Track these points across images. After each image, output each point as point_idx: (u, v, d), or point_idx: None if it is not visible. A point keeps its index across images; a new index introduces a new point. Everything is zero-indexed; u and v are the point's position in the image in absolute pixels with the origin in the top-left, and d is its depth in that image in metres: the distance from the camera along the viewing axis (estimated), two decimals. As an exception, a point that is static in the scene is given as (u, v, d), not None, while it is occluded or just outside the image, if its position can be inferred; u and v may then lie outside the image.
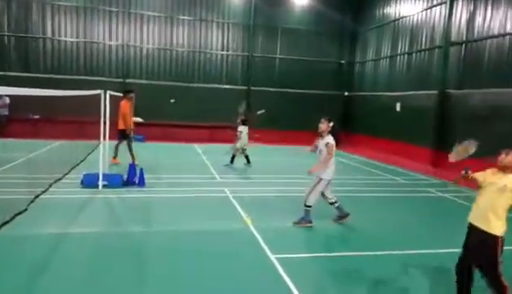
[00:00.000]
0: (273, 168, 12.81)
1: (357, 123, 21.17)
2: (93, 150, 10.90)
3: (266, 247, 5.71)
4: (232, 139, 13.42)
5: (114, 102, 10.08)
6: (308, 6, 21.38)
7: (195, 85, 20.45)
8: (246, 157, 12.86)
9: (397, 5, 18.17)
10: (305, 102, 21.34)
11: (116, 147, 11.64)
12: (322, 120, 6.90)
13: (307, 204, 6.82)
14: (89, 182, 8.81)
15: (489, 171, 4.21)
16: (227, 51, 20.90)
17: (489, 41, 12.84)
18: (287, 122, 20.80)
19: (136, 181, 9.24)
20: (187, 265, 5.04)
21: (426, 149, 14.96)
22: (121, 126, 11.49)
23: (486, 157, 5.30)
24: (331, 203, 7.07)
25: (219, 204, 8.14)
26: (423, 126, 15.32)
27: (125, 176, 9.29)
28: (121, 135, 11.55)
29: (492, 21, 12.76)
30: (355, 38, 21.99)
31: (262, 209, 7.89)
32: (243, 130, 12.61)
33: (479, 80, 13.14)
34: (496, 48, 12.61)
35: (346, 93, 22.41)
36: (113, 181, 8.99)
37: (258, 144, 18.82)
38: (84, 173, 9.00)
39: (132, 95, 11.84)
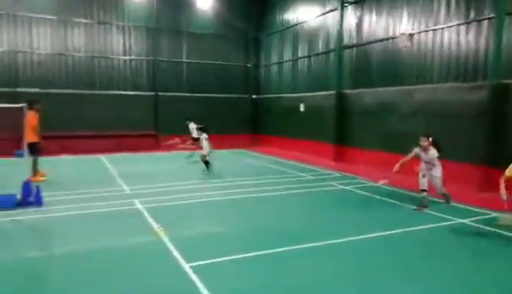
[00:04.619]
0: (187, 174, 12.62)
1: (266, 124, 21.92)
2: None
3: (180, 257, 5.60)
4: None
5: (8, 115, 9.15)
6: (212, 11, 21.54)
7: (97, 92, 19.27)
8: (207, 163, 12.86)
9: (296, 11, 19.19)
10: (215, 106, 21.53)
11: (34, 162, 11.17)
12: (422, 138, 8.39)
13: (444, 193, 8.76)
14: (-26, 207, 7.79)
15: None
16: (130, 55, 20.07)
17: (375, 44, 14.23)
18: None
19: (32, 200, 8.41)
20: (92, 289, 4.71)
21: (329, 145, 16.07)
22: (31, 139, 11.08)
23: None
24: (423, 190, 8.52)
25: (129, 218, 7.77)
26: (325, 124, 16.42)
27: (19, 196, 8.40)
28: (32, 148, 11.14)
29: (377, 26, 14.16)
30: (259, 42, 22.71)
31: (175, 217, 7.74)
32: (202, 137, 12.96)
33: (369, 80, 14.51)
34: (381, 51, 14.02)
35: (254, 96, 23.04)
36: (4, 203, 8.07)
37: (174, 151, 18.45)
38: (-33, 197, 7.94)
39: (38, 106, 11.52)
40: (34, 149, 11.24)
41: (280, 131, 20.29)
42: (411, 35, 12.60)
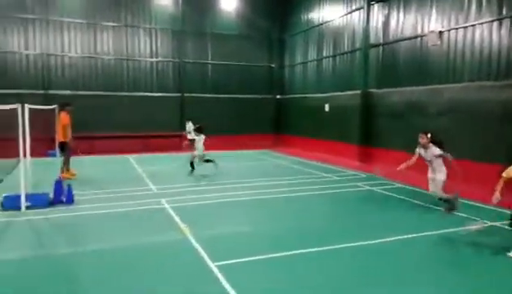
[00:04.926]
0: (212, 174, 12.73)
1: (290, 125, 21.84)
2: (13, 169, 10.07)
3: (206, 256, 5.65)
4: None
5: (40, 115, 9.55)
6: (236, 13, 21.66)
7: (125, 94, 19.73)
8: (208, 161, 12.84)
9: (320, 10, 19.03)
10: (240, 106, 21.64)
11: (64, 160, 11.89)
12: (421, 135, 8.13)
13: (444, 198, 8.05)
14: (10, 204, 8.13)
15: None
16: (157, 57, 20.45)
17: (403, 42, 13.94)
18: (223, 127, 20.85)
19: (64, 199, 8.69)
20: (121, 285, 4.83)
21: (354, 146, 15.85)
22: (61, 138, 11.80)
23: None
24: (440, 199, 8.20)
25: (155, 216, 7.92)
26: (350, 125, 16.22)
27: (51, 195, 8.70)
28: (62, 147, 11.89)
29: (405, 24, 13.87)
30: (283, 43, 22.65)
31: (201, 217, 7.82)
32: (200, 138, 12.84)
33: (396, 79, 14.22)
34: (409, 49, 13.72)
35: (278, 96, 23.00)
36: (37, 201, 8.38)
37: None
38: (4, 195, 8.29)
39: (70, 107, 12.17)
40: (64, 148, 11.83)
41: (304, 131, 20.18)
42: (441, 33, 12.27)
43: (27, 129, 8.32)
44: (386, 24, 14.75)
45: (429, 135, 8.14)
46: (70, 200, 8.71)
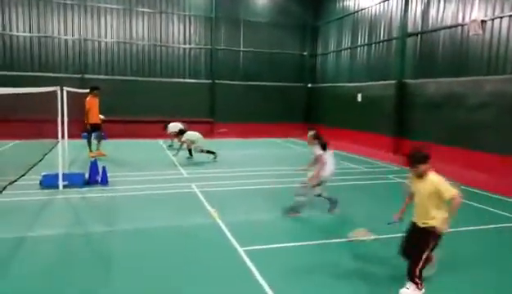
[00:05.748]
0: (240, 161, 12.82)
1: (321, 114, 21.56)
2: (51, 149, 10.49)
3: (234, 241, 5.72)
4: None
5: (76, 99, 9.90)
6: (269, 0, 21.44)
7: (158, 79, 20.08)
8: (209, 152, 12.65)
9: (356, -3, 18.57)
10: (270, 94, 21.56)
11: (97, 141, 12.75)
12: (308, 132, 7.47)
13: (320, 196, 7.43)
14: (49, 183, 8.50)
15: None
16: (190, 44, 20.62)
17: (442, 32, 13.40)
18: (252, 114, 20.89)
19: (99, 180, 8.99)
20: (153, 265, 4.96)
21: (387, 137, 15.49)
22: (86, 121, 12.60)
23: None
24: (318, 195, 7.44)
25: (186, 200, 8.07)
26: (383, 115, 15.83)
27: (87, 175, 9.02)
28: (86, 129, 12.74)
29: (445, 12, 13.31)
30: (316, 30, 22.28)
31: (229, 203, 7.90)
32: (189, 136, 12.41)
33: (434, 69, 13.72)
34: (448, 39, 13.18)
35: (309, 85, 22.73)
36: (74, 181, 8.72)
37: (226, 138, 18.79)
38: (43, 174, 8.66)
39: (97, 91, 12.68)
40: (89, 130, 12.64)
41: (336, 121, 19.85)
42: (483, 22, 11.70)
43: (65, 111, 8.62)
44: (425, 12, 14.20)
45: (312, 133, 7.46)
46: (105, 181, 9.00)
